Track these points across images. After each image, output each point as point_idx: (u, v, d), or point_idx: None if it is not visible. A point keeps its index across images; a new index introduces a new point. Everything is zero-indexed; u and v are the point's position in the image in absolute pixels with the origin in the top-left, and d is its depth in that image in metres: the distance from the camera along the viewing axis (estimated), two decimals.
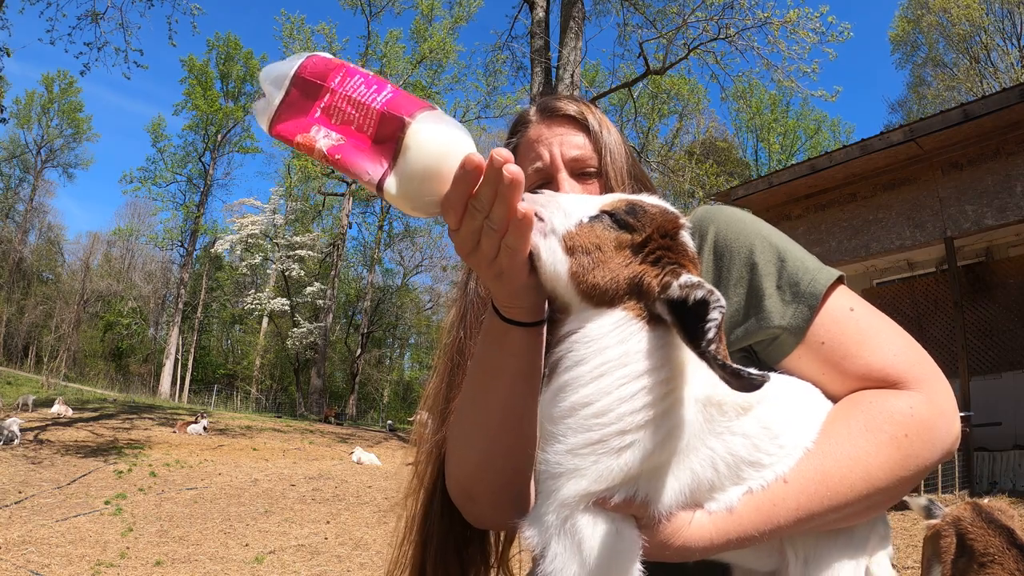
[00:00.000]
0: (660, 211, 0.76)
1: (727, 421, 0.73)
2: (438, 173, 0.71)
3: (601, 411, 0.67)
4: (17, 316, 39.96)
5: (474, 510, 0.98)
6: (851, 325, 0.84)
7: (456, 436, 0.97)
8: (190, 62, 33.02)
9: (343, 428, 22.01)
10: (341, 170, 0.74)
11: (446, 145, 0.71)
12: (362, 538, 6.90)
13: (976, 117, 7.49)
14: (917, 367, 0.81)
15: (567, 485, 0.68)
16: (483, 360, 0.89)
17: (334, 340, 35.06)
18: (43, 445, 11.74)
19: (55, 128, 40.15)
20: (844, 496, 0.73)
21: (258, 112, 0.79)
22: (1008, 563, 2.16)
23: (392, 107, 0.72)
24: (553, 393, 0.72)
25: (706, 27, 13.10)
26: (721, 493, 0.73)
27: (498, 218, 0.70)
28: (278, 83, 0.77)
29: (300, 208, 32.80)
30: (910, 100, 31.99)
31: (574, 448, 0.68)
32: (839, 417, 0.78)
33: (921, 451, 0.76)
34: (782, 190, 9.55)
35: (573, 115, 1.10)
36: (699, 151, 23.67)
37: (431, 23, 26.93)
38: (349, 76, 0.75)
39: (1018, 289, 8.59)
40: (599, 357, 0.69)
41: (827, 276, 0.86)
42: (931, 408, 0.78)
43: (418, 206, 0.73)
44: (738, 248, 0.92)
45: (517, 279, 0.76)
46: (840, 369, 0.82)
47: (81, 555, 5.67)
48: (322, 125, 0.74)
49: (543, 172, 1.08)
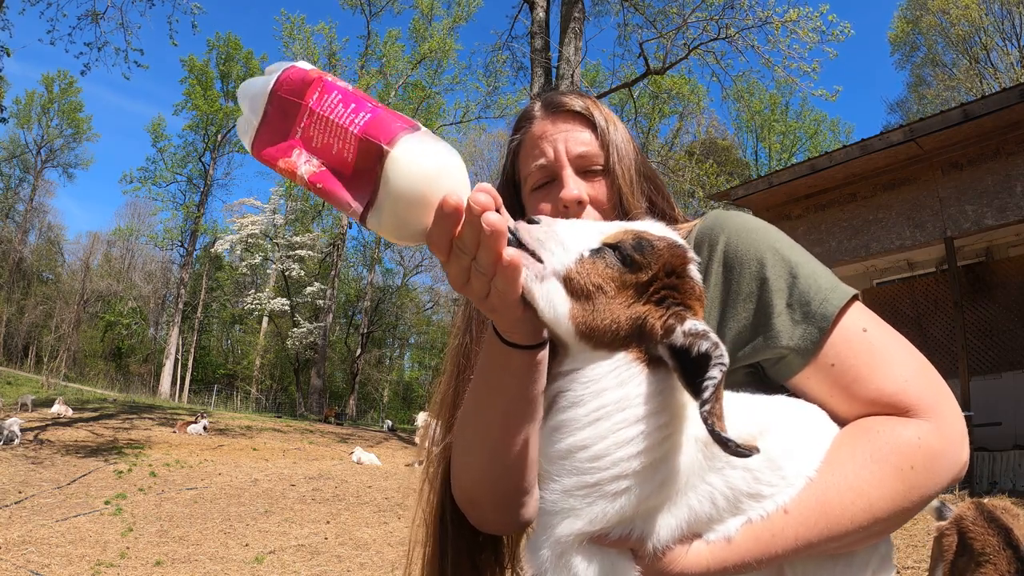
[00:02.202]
0: (667, 246, 0.73)
1: (727, 456, 0.71)
2: (421, 204, 0.66)
3: (597, 455, 0.66)
4: (17, 316, 39.95)
5: (479, 516, 0.98)
6: (863, 347, 0.81)
7: (459, 445, 0.96)
8: (190, 62, 33.00)
9: (343, 428, 22.01)
10: (324, 198, 0.70)
11: (428, 175, 0.66)
12: (362, 538, 6.90)
13: (976, 117, 7.49)
14: (929, 394, 0.79)
15: (562, 524, 0.68)
16: (484, 375, 0.87)
17: (334, 340, 35.06)
18: (43, 445, 11.74)
19: (55, 128, 40.17)
20: (844, 527, 0.73)
21: (240, 132, 0.75)
22: (1001, 563, 2.16)
23: (370, 131, 0.67)
24: (550, 431, 0.72)
25: (706, 27, 13.10)
26: (720, 525, 0.72)
27: (484, 264, 0.67)
28: (256, 103, 0.73)
29: (300, 208, 32.77)
30: (910, 100, 32.02)
31: (569, 489, 0.68)
32: (844, 445, 0.77)
33: (926, 483, 0.75)
34: (782, 190, 9.55)
35: (579, 111, 1.07)
36: (699, 151, 23.67)
37: (431, 23, 26.91)
38: (327, 92, 0.70)
39: (1018, 289, 8.59)
40: (596, 400, 0.68)
41: (840, 296, 0.83)
42: (940, 438, 0.76)
43: (404, 236, 0.69)
44: (748, 261, 0.89)
45: (511, 315, 0.73)
46: (849, 393, 0.80)
47: (81, 555, 5.67)
48: (303, 149, 0.70)
49: (547, 169, 1.05)
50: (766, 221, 0.96)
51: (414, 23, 27.45)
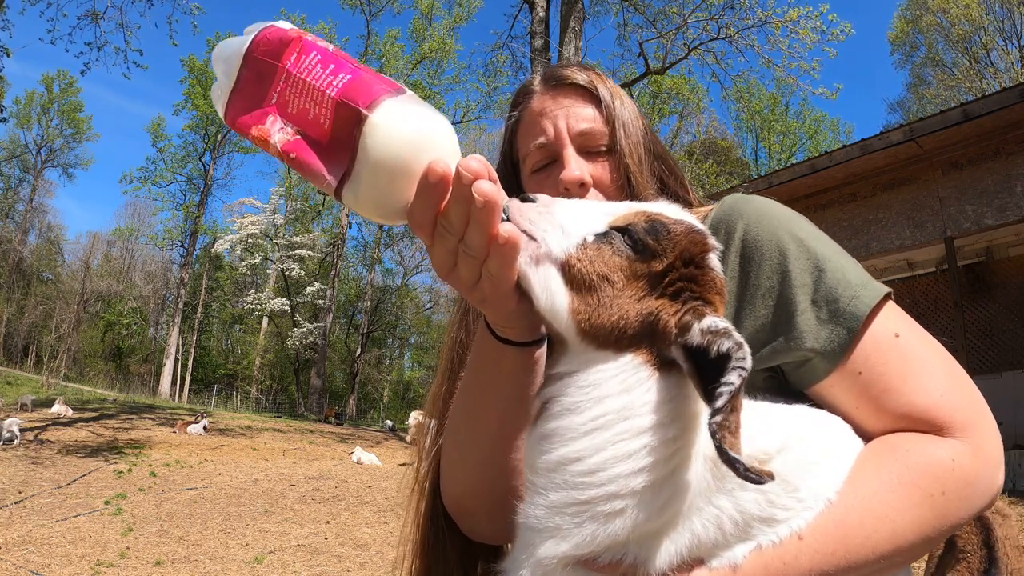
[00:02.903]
0: (685, 231, 0.63)
1: None
2: (403, 175, 0.58)
3: (591, 470, 0.58)
4: (17, 316, 39.96)
5: (471, 525, 0.91)
6: (895, 354, 0.73)
7: (449, 451, 0.88)
8: (190, 62, 33.00)
9: (343, 428, 21.99)
10: (297, 170, 0.62)
11: (411, 142, 0.58)
12: (362, 538, 6.90)
13: (976, 117, 7.49)
14: (966, 410, 0.71)
15: (545, 544, 0.61)
16: (477, 375, 0.79)
17: (334, 340, 35.05)
18: (43, 445, 11.74)
19: (55, 128, 40.22)
20: (864, 557, 0.64)
21: (214, 98, 0.67)
22: (974, 562, 2.16)
23: (349, 94, 0.59)
24: (538, 439, 0.63)
25: (706, 27, 13.11)
26: (727, 551, 0.64)
27: (475, 244, 0.58)
28: (230, 65, 0.65)
29: (300, 208, 32.79)
30: (910, 100, 32.04)
31: (556, 506, 0.60)
32: (870, 464, 0.68)
33: (957, 511, 0.67)
34: (782, 190, 9.54)
35: (582, 84, 0.97)
36: (699, 151, 23.68)
37: (431, 23, 26.94)
38: (305, 53, 0.63)
39: (1018, 289, 8.59)
40: (597, 408, 0.59)
41: (872, 293, 0.75)
42: (976, 461, 0.69)
43: (385, 215, 0.61)
44: (769, 251, 0.80)
45: (505, 306, 0.65)
46: (878, 404, 0.72)
47: (81, 555, 5.67)
48: (277, 115, 0.62)
49: (548, 149, 0.96)
50: None
51: (414, 23, 27.48)
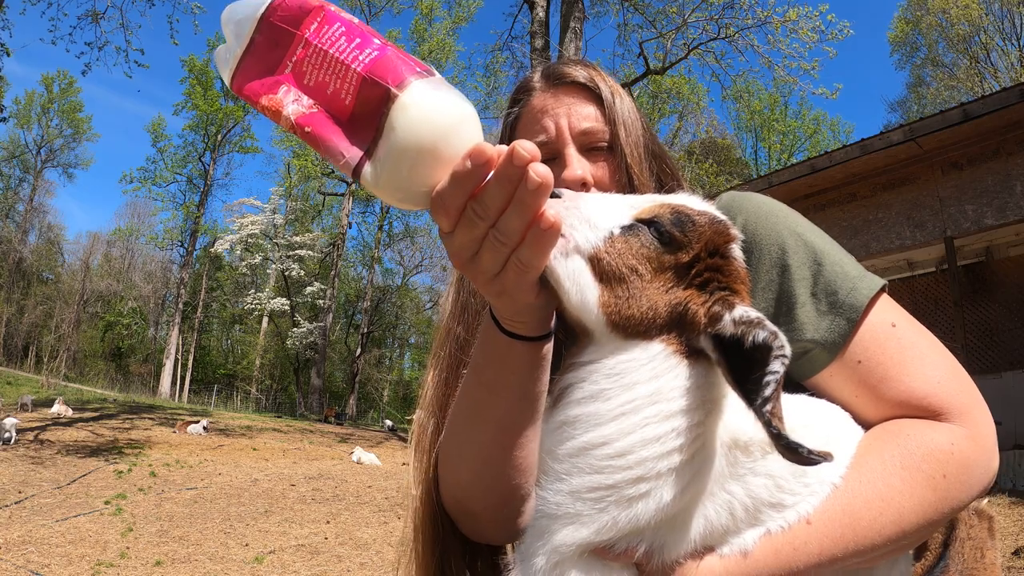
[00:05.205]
0: (709, 221, 0.64)
1: (751, 462, 0.65)
2: (431, 160, 0.56)
3: (619, 452, 0.59)
4: (17, 316, 39.96)
5: (472, 526, 0.90)
6: (892, 344, 0.75)
7: (448, 452, 0.87)
8: (190, 62, 33.00)
9: (343, 428, 22.00)
10: (311, 145, 0.59)
11: (443, 126, 0.56)
12: (362, 538, 6.90)
13: (976, 117, 7.49)
14: (962, 397, 0.73)
15: (564, 531, 0.61)
16: (480, 373, 0.77)
17: (334, 340, 35.07)
18: (43, 445, 11.74)
19: (55, 128, 40.24)
20: (871, 540, 0.66)
21: (219, 61, 0.64)
22: (929, 559, 2.17)
23: (376, 70, 0.57)
24: (559, 426, 0.64)
25: (706, 27, 13.12)
26: (736, 537, 0.65)
27: (511, 230, 0.57)
28: (242, 28, 0.62)
29: (300, 208, 32.82)
30: (910, 100, 32.04)
31: (578, 491, 0.60)
32: (872, 450, 0.70)
33: (958, 493, 0.70)
34: (782, 190, 9.54)
35: (583, 82, 0.97)
36: (699, 151, 23.69)
37: (431, 23, 26.92)
38: (328, 24, 0.60)
39: (1018, 289, 8.59)
40: (626, 394, 0.60)
41: (870, 285, 0.78)
42: (974, 445, 0.71)
43: (405, 198, 0.59)
44: (768, 245, 0.82)
45: (523, 299, 0.64)
46: (876, 393, 0.74)
47: (81, 555, 5.67)
48: (292, 85, 0.60)
49: (548, 147, 0.95)
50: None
51: (414, 23, 27.48)
